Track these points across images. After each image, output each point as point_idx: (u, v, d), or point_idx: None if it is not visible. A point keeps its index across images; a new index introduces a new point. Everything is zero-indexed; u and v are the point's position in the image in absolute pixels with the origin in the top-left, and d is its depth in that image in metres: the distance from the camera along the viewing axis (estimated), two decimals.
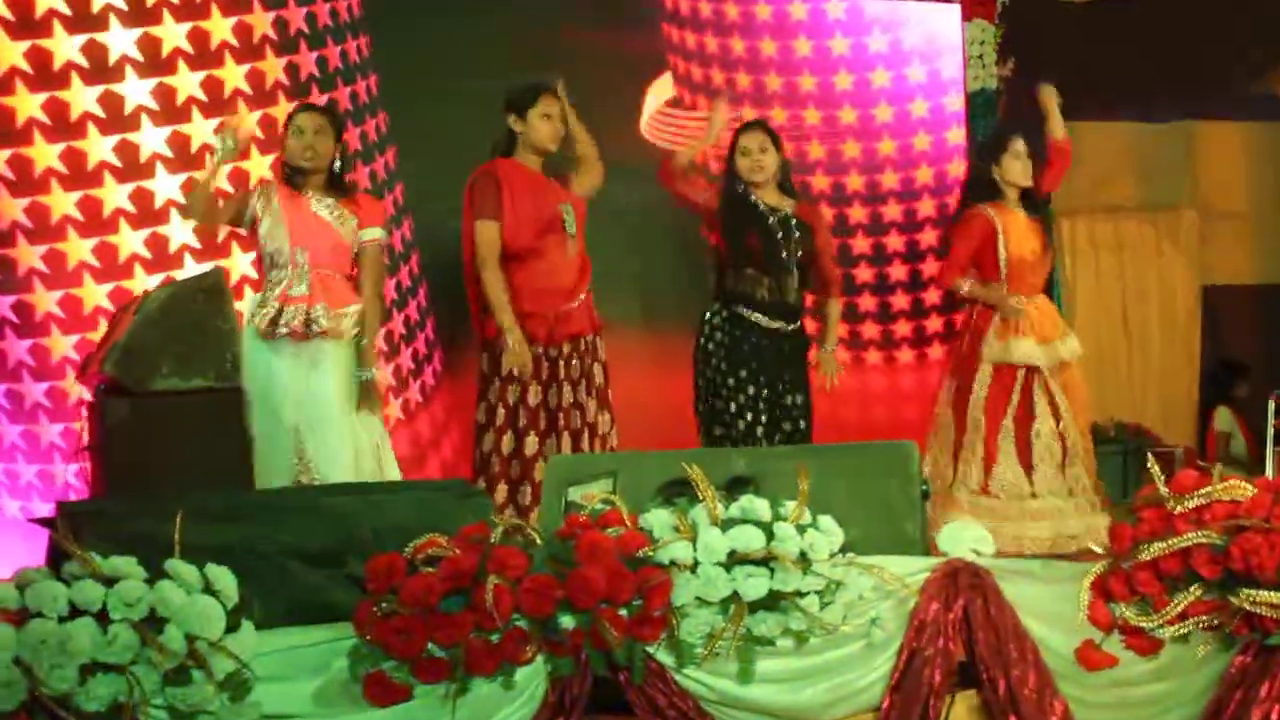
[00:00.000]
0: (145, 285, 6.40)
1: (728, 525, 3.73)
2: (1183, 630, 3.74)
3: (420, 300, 7.25)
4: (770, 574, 3.68)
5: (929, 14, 8.21)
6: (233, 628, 3.52)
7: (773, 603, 3.70)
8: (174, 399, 5.92)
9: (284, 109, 6.70)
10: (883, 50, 8.16)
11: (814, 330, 6.38)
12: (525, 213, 5.81)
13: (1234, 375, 8.80)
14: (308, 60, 6.90)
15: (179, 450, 5.70)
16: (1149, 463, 3.89)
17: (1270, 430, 5.75)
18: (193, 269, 6.47)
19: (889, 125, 8.17)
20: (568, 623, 3.62)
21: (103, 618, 3.42)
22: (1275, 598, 3.61)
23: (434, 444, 7.22)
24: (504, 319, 5.71)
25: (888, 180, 8.24)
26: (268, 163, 6.48)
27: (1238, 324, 9.11)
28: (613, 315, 6.38)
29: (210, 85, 6.66)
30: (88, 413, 6.04)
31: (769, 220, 6.06)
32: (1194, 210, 8.91)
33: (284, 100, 6.75)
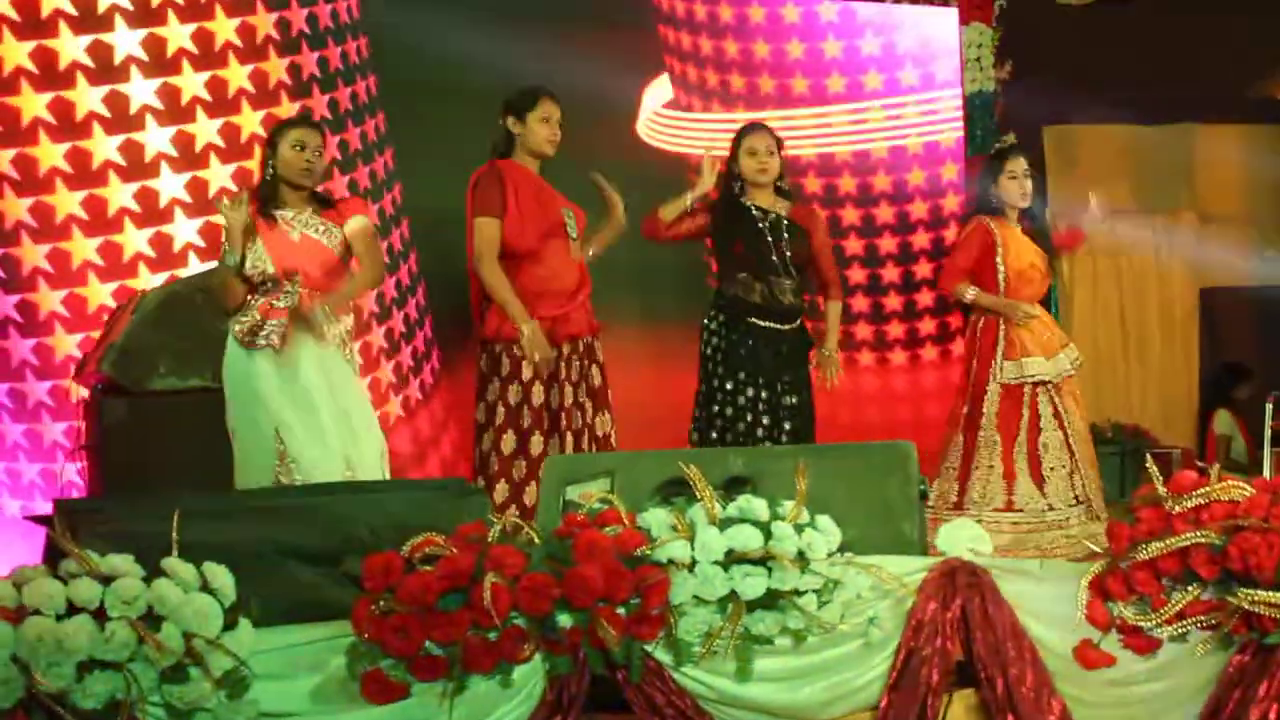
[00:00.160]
0: (150, 284, 6.42)
1: (725, 524, 3.72)
2: (1181, 630, 3.73)
3: (419, 299, 7.26)
4: (768, 573, 3.68)
5: (922, 17, 8.23)
6: (230, 626, 3.52)
7: (770, 602, 3.69)
8: (171, 399, 5.93)
9: (287, 109, 6.74)
10: (875, 53, 8.17)
11: (815, 331, 6.38)
12: (529, 213, 5.76)
13: (1235, 378, 8.81)
14: (309, 61, 6.92)
15: (176, 450, 5.72)
16: (1147, 463, 3.89)
17: (1268, 431, 5.75)
18: (195, 268, 6.48)
19: (880, 127, 8.20)
20: (565, 621, 3.62)
21: (100, 615, 3.42)
22: (1273, 597, 3.60)
23: (434, 442, 7.23)
24: (515, 312, 5.65)
25: (880, 183, 8.25)
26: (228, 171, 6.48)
27: (1235, 326, 9.12)
28: (611, 315, 6.38)
29: (214, 85, 6.70)
30: (85, 412, 6.05)
31: (759, 224, 6.07)
32: (1192, 212, 8.92)
33: (286, 100, 6.79)
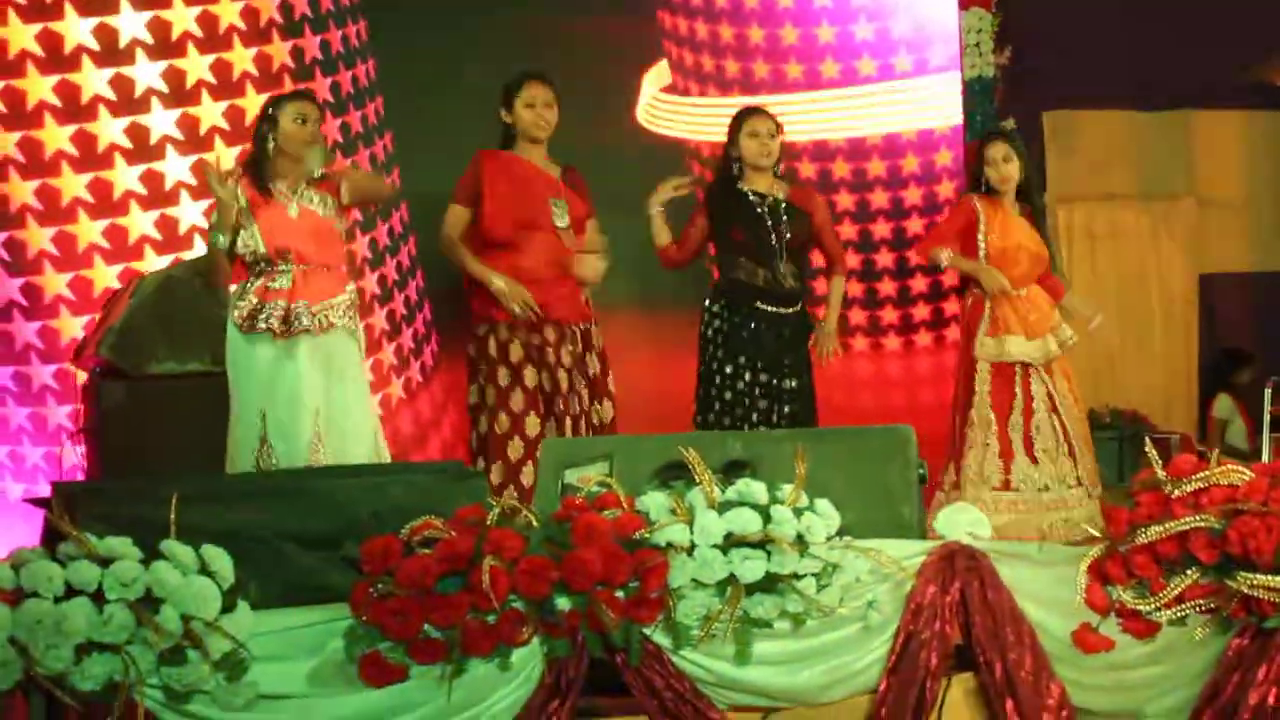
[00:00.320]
0: (155, 267, 6.44)
1: (725, 508, 3.72)
2: (1180, 613, 3.73)
3: (419, 281, 7.28)
4: (767, 556, 3.68)
5: (916, 2, 8.21)
6: (229, 608, 3.53)
7: (769, 585, 3.69)
8: (169, 383, 5.93)
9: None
10: (869, 39, 8.17)
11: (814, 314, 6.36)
12: (505, 205, 5.69)
13: (1236, 363, 8.79)
14: (311, 44, 6.95)
15: (174, 433, 5.72)
16: (1146, 448, 3.89)
17: (1266, 416, 5.75)
18: (198, 252, 6.49)
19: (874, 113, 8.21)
20: (564, 604, 3.62)
21: (98, 598, 3.43)
22: (1272, 581, 3.60)
23: (434, 423, 7.26)
24: (478, 271, 5.64)
25: (874, 168, 8.25)
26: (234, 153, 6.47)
27: (1234, 312, 9.10)
28: (611, 300, 6.36)
29: (219, 68, 6.74)
30: (83, 396, 6.05)
31: (756, 209, 6.02)
32: (1191, 198, 8.89)
33: (290, 83, 6.82)
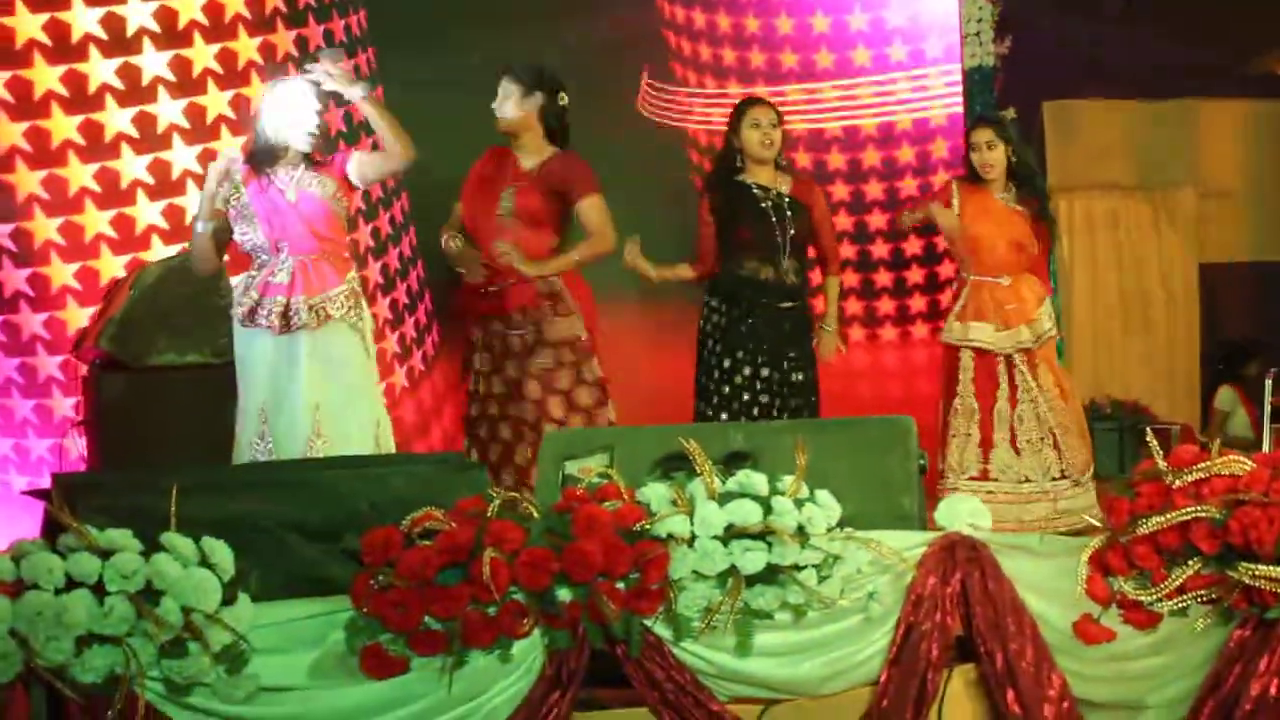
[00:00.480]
0: (163, 257, 6.44)
1: (725, 499, 3.72)
2: (1181, 604, 3.73)
3: (419, 270, 7.31)
4: (768, 548, 3.68)
5: None
6: (229, 600, 3.53)
7: (770, 576, 3.69)
8: (169, 374, 5.93)
9: None
10: (863, 29, 8.17)
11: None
12: (470, 199, 5.74)
13: (1245, 354, 8.76)
14: (315, 33, 6.98)
15: (175, 425, 5.71)
16: (1147, 438, 3.89)
17: (1267, 407, 5.72)
18: None
19: (870, 103, 8.20)
20: (565, 596, 3.62)
21: (99, 590, 3.42)
22: (1274, 572, 3.60)
23: (436, 412, 7.29)
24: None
25: (869, 159, 8.25)
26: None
27: (1235, 302, 9.10)
28: (609, 294, 6.34)
29: (225, 57, 6.76)
30: (84, 387, 6.04)
31: (761, 204, 5.96)
32: (1192, 188, 8.88)
33: (294, 72, 6.80)
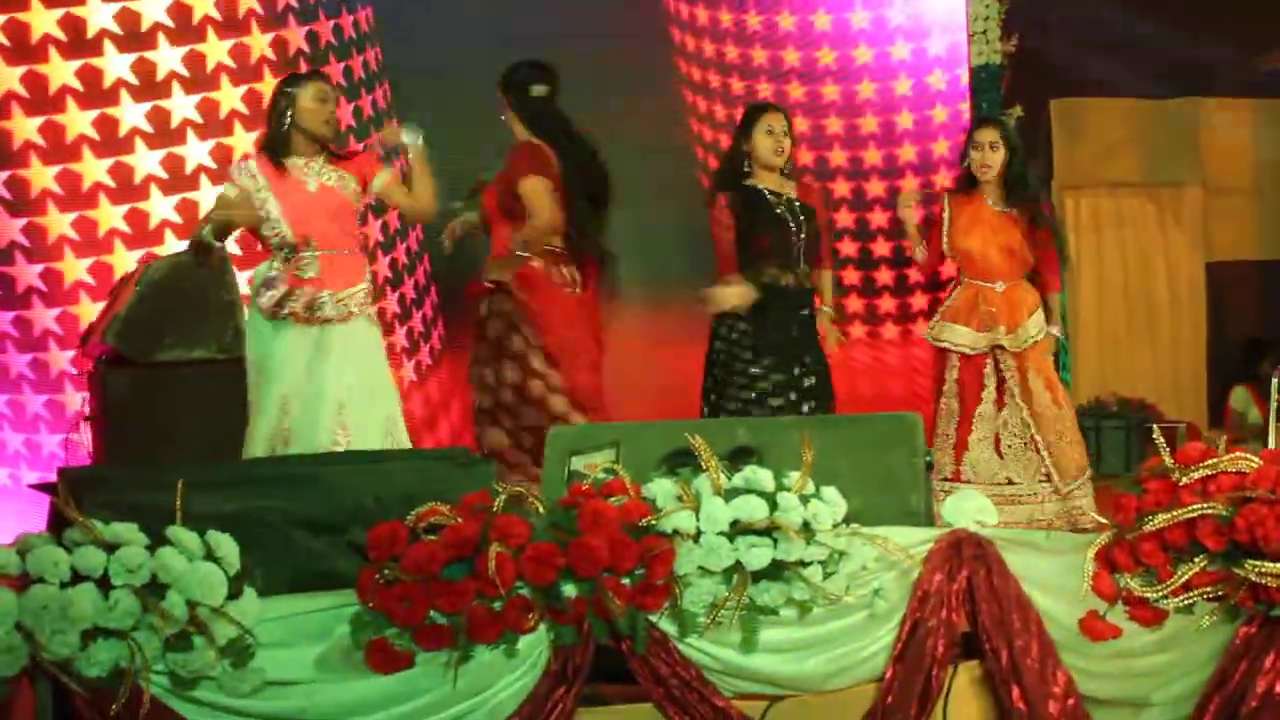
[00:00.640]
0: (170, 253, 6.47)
1: (731, 495, 3.72)
2: (1187, 601, 3.72)
3: (426, 265, 7.35)
4: (773, 544, 3.67)
5: None
6: (235, 595, 3.52)
7: (776, 572, 3.69)
8: (175, 370, 5.93)
9: None
10: (865, 27, 8.17)
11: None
12: None
13: (1260, 353, 8.74)
14: (325, 29, 7.01)
15: (181, 421, 5.72)
16: (1154, 435, 3.88)
17: (1274, 405, 5.71)
18: None
19: (872, 101, 8.20)
20: (570, 591, 3.61)
21: (104, 584, 3.42)
22: None
23: (444, 406, 7.32)
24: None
25: (870, 157, 8.25)
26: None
27: (1241, 299, 9.10)
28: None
29: (237, 52, 6.84)
30: (90, 383, 6.05)
31: (776, 210, 5.86)
32: (1198, 186, 8.88)
33: (305, 68, 6.85)
